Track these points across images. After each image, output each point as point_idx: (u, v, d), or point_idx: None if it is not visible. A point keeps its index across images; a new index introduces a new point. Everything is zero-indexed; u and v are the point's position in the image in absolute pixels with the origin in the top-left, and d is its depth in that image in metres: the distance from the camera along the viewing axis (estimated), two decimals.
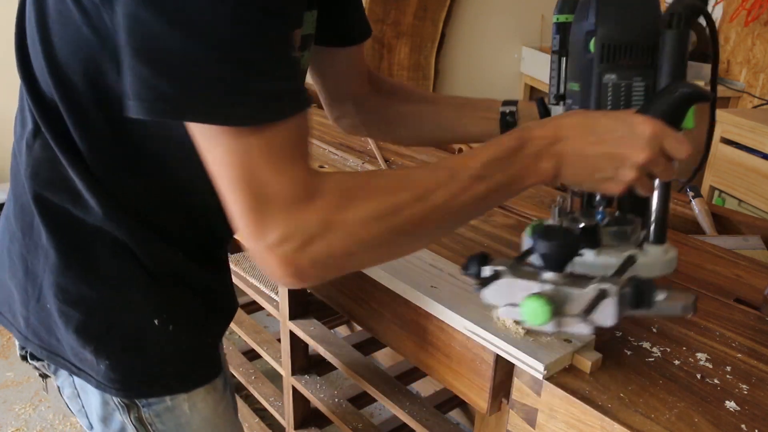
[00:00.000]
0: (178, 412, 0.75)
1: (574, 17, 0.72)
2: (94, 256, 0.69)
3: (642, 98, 0.70)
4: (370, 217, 0.56)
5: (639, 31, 0.68)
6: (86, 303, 0.70)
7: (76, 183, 0.66)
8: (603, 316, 0.63)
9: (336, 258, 0.56)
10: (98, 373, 0.72)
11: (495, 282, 0.66)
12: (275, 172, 0.53)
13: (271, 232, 0.53)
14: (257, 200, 0.53)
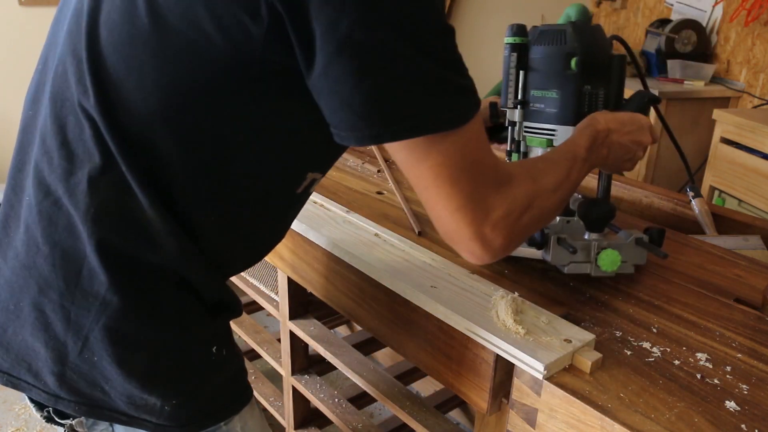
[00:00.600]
0: (234, 431, 0.75)
1: (543, 42, 0.94)
2: (157, 297, 0.67)
3: (603, 103, 0.93)
4: (554, 186, 0.71)
5: (603, 55, 0.93)
6: (151, 347, 0.67)
7: (153, 223, 0.63)
8: (640, 257, 0.90)
9: (540, 222, 0.70)
10: (160, 416, 0.69)
11: (554, 244, 0.87)
12: (484, 160, 0.63)
13: (495, 210, 0.63)
14: (477, 187, 0.62)
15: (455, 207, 0.61)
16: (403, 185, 1.28)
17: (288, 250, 1.14)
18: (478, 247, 0.64)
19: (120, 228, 0.64)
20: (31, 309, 0.67)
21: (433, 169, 0.60)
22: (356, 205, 1.15)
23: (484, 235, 0.63)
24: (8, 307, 0.69)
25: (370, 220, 1.07)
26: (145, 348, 0.67)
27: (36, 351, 0.68)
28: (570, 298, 0.87)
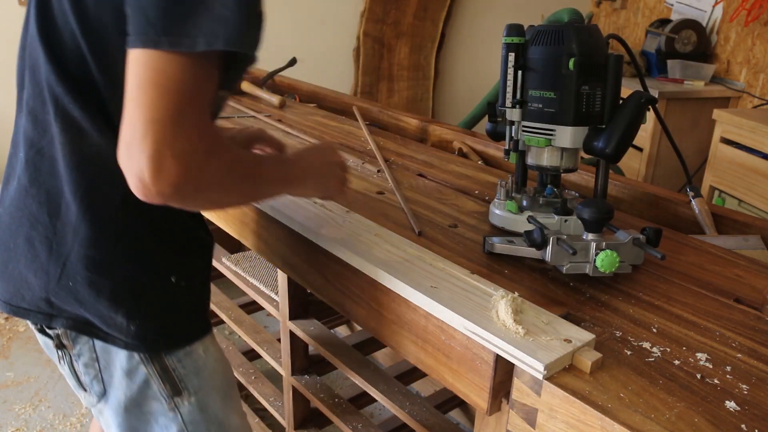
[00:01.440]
0: (195, 356, 0.87)
1: (541, 42, 0.95)
2: (118, 226, 0.79)
3: (600, 102, 0.95)
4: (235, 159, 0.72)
5: (600, 55, 0.94)
6: (115, 270, 0.80)
7: (111, 160, 0.69)
8: (637, 257, 0.91)
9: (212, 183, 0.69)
10: (128, 335, 0.82)
11: (553, 245, 0.87)
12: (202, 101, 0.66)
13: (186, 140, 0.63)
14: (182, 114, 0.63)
15: (152, 119, 0.62)
16: (403, 185, 1.28)
17: (288, 249, 1.14)
18: (148, 169, 0.62)
19: (88, 166, 0.76)
20: (24, 243, 0.81)
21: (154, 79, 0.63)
22: (356, 205, 1.15)
23: (159, 158, 0.62)
24: (9, 246, 0.83)
25: (370, 220, 1.07)
26: (110, 272, 0.80)
27: (29, 281, 0.82)
28: (570, 298, 0.87)
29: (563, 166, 1.01)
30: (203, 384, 0.89)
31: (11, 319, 2.41)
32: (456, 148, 1.69)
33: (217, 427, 0.91)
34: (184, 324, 0.87)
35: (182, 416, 0.88)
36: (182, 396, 0.87)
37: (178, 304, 0.86)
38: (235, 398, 0.97)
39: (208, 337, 0.90)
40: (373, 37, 3.56)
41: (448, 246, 1.00)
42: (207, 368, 0.89)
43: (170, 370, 0.85)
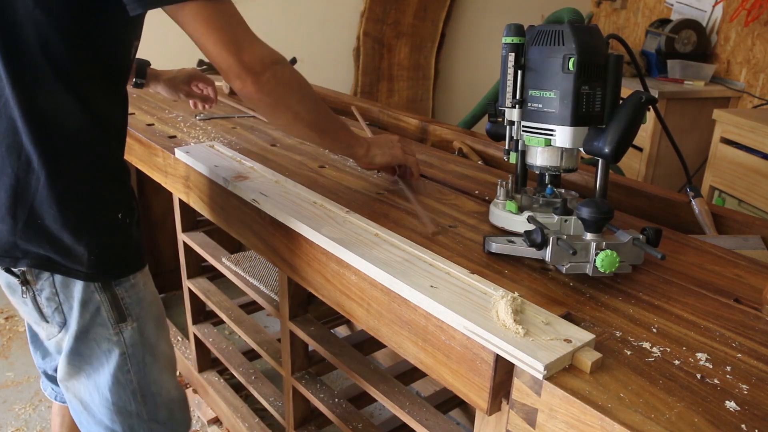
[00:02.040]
0: (138, 288, 1.03)
1: (541, 42, 0.96)
2: (74, 166, 0.93)
3: (600, 102, 0.95)
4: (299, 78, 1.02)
5: (600, 55, 0.94)
6: (77, 208, 0.94)
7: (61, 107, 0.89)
8: (637, 257, 0.92)
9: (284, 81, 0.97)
10: (88, 266, 0.96)
11: (553, 245, 0.87)
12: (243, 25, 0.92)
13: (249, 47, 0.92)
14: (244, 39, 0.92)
15: (224, 44, 0.89)
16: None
17: (288, 250, 1.14)
18: (242, 69, 0.91)
19: (44, 119, 0.89)
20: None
21: (210, 24, 0.88)
22: (356, 205, 1.15)
23: (244, 61, 0.91)
24: None
25: (370, 220, 1.07)
26: (72, 208, 0.93)
27: None
28: (570, 298, 0.87)
29: (563, 166, 1.01)
30: (142, 312, 1.04)
31: (11, 318, 2.41)
32: (456, 148, 1.69)
33: (150, 350, 1.07)
34: (130, 256, 1.02)
35: (125, 339, 1.03)
36: (126, 322, 1.02)
37: (124, 238, 1.00)
38: (166, 327, 1.12)
39: (145, 271, 1.06)
40: (373, 37, 3.56)
41: (448, 246, 1.00)
42: (146, 299, 1.05)
43: (119, 299, 1.00)
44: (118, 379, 1.04)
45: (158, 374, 1.09)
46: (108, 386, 1.04)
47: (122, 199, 1.00)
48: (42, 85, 0.88)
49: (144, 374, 1.06)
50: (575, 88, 0.93)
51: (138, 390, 1.06)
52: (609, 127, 0.94)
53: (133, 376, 1.05)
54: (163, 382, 1.10)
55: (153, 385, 1.08)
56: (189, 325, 1.91)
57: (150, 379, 1.07)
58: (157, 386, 1.09)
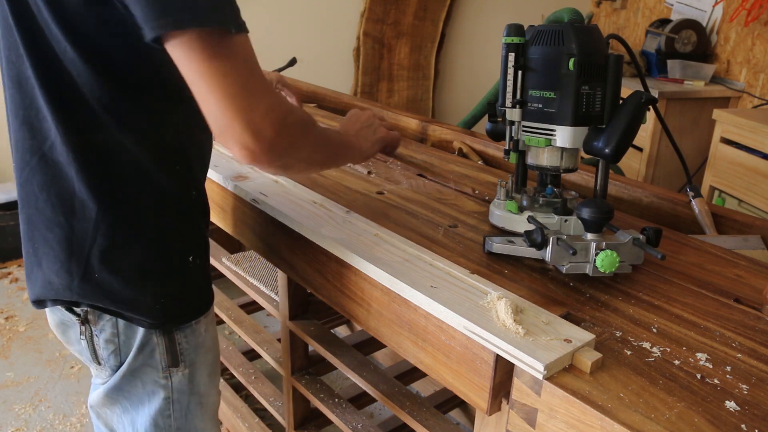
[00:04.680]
0: (198, 333, 0.95)
1: (541, 42, 0.95)
2: (138, 214, 0.84)
3: (600, 102, 0.95)
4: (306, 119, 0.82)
5: (600, 55, 0.94)
6: (141, 257, 0.85)
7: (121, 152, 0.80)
8: (637, 257, 0.91)
9: (295, 143, 0.77)
10: (152, 316, 0.88)
11: (553, 245, 0.87)
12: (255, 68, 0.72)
13: (262, 101, 0.71)
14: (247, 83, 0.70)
15: (226, 96, 0.69)
16: (402, 185, 1.28)
17: (288, 250, 1.14)
18: (250, 136, 0.71)
19: (98, 163, 0.80)
20: (44, 246, 0.86)
21: (208, 62, 0.68)
22: (356, 205, 1.15)
23: (254, 123, 0.70)
24: (29, 252, 0.89)
25: (370, 220, 1.07)
26: (135, 258, 0.85)
27: (52, 282, 0.87)
28: (570, 298, 0.87)
29: (563, 166, 1.01)
30: (197, 359, 0.97)
31: (11, 318, 2.42)
32: (456, 148, 1.69)
33: (198, 399, 1.00)
34: (196, 300, 0.95)
35: (172, 384, 0.96)
36: (178, 367, 0.95)
37: (192, 281, 0.93)
38: (217, 377, 1.05)
39: (210, 315, 0.98)
40: (373, 37, 3.56)
41: (448, 246, 1.00)
42: (204, 345, 0.97)
43: (176, 344, 0.93)
44: (157, 422, 0.97)
45: (201, 423, 1.02)
46: (144, 427, 0.97)
47: (194, 239, 0.92)
48: (92, 125, 0.79)
49: (185, 421, 1.00)
50: (575, 88, 0.93)
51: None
52: (609, 127, 0.94)
53: (173, 422, 0.98)
54: (206, 430, 1.04)
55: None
56: None
57: (190, 427, 1.01)
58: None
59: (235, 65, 0.69)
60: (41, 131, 0.81)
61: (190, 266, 0.91)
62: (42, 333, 2.33)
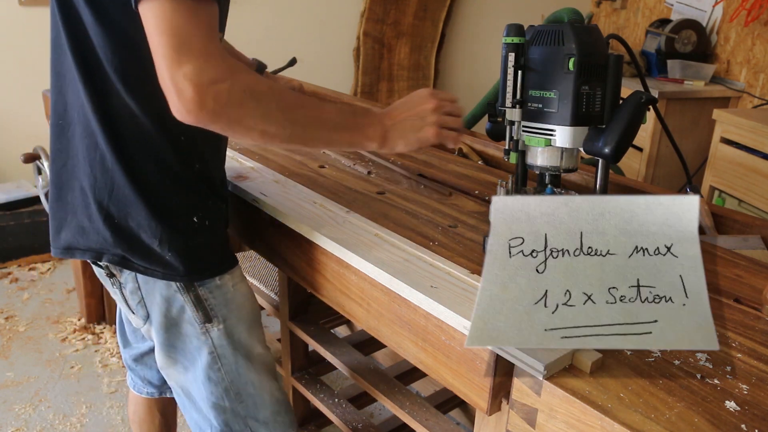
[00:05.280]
0: (225, 289, 1.01)
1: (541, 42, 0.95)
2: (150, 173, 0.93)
3: (600, 102, 0.95)
4: (260, 91, 0.83)
5: (600, 55, 0.93)
6: (151, 211, 0.94)
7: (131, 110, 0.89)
8: None
9: (231, 104, 0.79)
10: (164, 266, 0.96)
11: None
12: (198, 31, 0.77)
13: (188, 63, 0.76)
14: (189, 46, 0.76)
15: (164, 51, 0.76)
16: (402, 185, 1.28)
17: (288, 250, 1.14)
18: (174, 93, 0.77)
19: (116, 121, 0.90)
20: (80, 194, 0.95)
21: (161, 20, 0.76)
22: (356, 205, 1.15)
23: (177, 81, 0.76)
24: (63, 201, 0.98)
25: (370, 220, 1.07)
26: (146, 208, 0.93)
27: (84, 227, 0.96)
28: None
29: (563, 166, 1.01)
30: (231, 314, 1.03)
31: (11, 318, 2.42)
32: (456, 148, 1.69)
33: (244, 352, 1.05)
34: (211, 258, 1.00)
35: (212, 340, 1.02)
36: (212, 323, 1.01)
37: (205, 239, 0.99)
38: (259, 331, 1.10)
39: (236, 273, 1.04)
40: (373, 37, 3.56)
41: (448, 246, 1.00)
42: (235, 301, 1.03)
43: (203, 300, 1.00)
44: (209, 376, 1.04)
45: (255, 376, 1.07)
46: (202, 380, 1.05)
47: (198, 202, 0.98)
48: (108, 90, 0.89)
49: (238, 374, 1.06)
50: (575, 88, 0.93)
51: (231, 388, 1.06)
52: (609, 127, 0.94)
53: (225, 375, 1.05)
54: (263, 383, 1.09)
55: (250, 386, 1.07)
56: None
57: (246, 380, 1.07)
58: (255, 387, 1.08)
59: (181, 25, 0.76)
60: (76, 89, 0.91)
61: (198, 226, 0.97)
62: (42, 333, 2.33)
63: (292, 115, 0.87)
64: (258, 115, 0.83)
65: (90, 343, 2.26)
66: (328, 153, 1.48)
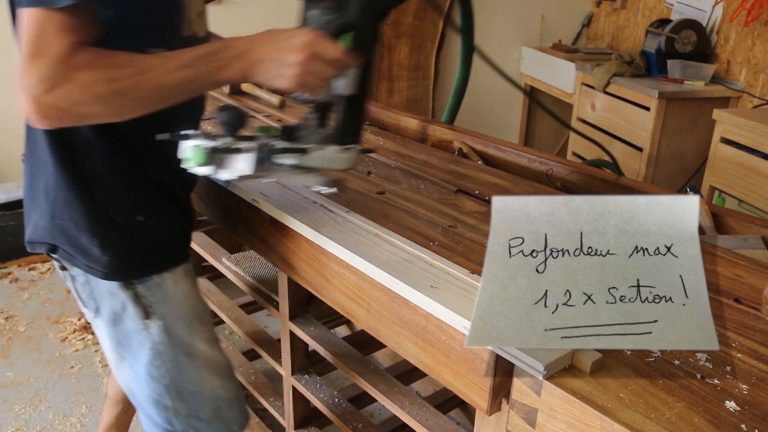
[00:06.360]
0: (164, 287, 1.05)
1: None
2: (92, 174, 0.96)
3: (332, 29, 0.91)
4: (100, 79, 0.82)
5: None
6: (92, 212, 0.97)
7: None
8: (242, 167, 0.92)
9: (72, 104, 0.81)
10: (103, 265, 0.99)
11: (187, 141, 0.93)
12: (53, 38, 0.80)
13: (31, 75, 0.79)
14: (34, 54, 0.79)
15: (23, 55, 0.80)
16: (402, 185, 1.28)
17: (288, 250, 1.14)
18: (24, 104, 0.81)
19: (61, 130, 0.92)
20: (37, 192, 1.00)
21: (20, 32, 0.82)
22: (356, 205, 1.15)
23: (21, 94, 0.80)
24: (28, 197, 1.04)
25: (370, 220, 1.07)
26: (85, 209, 0.97)
27: (38, 223, 1.01)
28: None
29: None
30: (169, 312, 1.06)
31: (11, 318, 2.42)
32: (456, 148, 1.69)
33: (183, 349, 1.08)
34: (150, 257, 1.04)
35: (152, 336, 1.05)
36: (151, 319, 1.04)
37: (145, 240, 1.02)
38: (203, 329, 1.12)
39: (178, 271, 1.07)
40: None
41: (448, 246, 1.00)
42: (174, 299, 1.06)
43: (141, 297, 1.03)
44: (151, 373, 1.07)
45: (196, 373, 1.09)
46: (144, 377, 1.07)
47: (144, 203, 1.02)
48: None
49: (178, 372, 1.08)
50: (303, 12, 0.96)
51: (172, 386, 1.08)
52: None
53: (166, 372, 1.07)
54: (203, 381, 1.11)
55: (190, 384, 1.10)
56: None
57: (186, 377, 1.09)
58: (195, 385, 1.10)
59: (31, 33, 0.80)
60: None
61: (138, 225, 1.01)
62: (42, 333, 2.33)
63: (141, 93, 0.85)
64: (105, 108, 0.84)
65: (90, 343, 2.26)
66: None
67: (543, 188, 1.31)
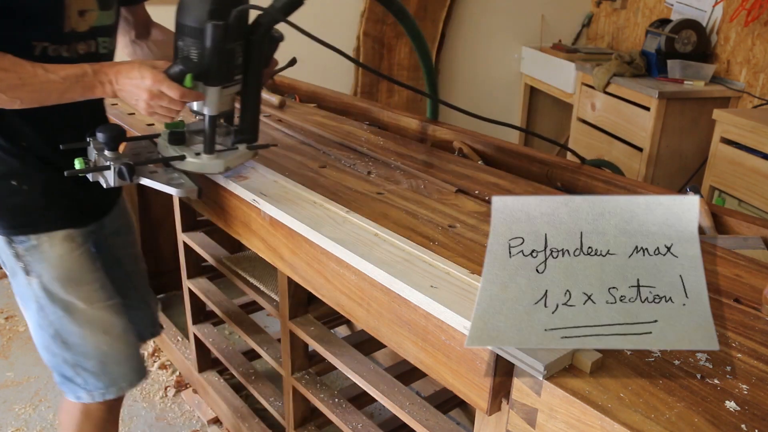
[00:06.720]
0: (41, 248, 1.17)
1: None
2: None
3: None
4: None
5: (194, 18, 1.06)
6: None
7: None
8: (109, 179, 1.12)
9: None
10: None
11: None
12: None
13: None
14: None
15: None
16: (402, 185, 1.28)
17: (288, 250, 1.14)
18: None
19: None
20: None
21: None
22: (356, 205, 1.15)
23: None
24: None
25: (370, 220, 1.07)
26: None
27: None
28: None
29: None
30: (45, 272, 1.19)
31: (11, 318, 2.41)
32: (456, 148, 1.69)
33: (62, 306, 1.21)
34: (26, 219, 1.16)
35: (34, 291, 1.20)
36: (30, 276, 1.19)
37: (18, 201, 1.15)
38: (83, 290, 1.23)
39: (56, 236, 1.18)
40: (373, 37, 3.56)
41: (448, 246, 1.00)
42: (50, 260, 1.18)
43: (20, 256, 1.17)
44: (39, 322, 1.23)
45: (77, 329, 1.23)
46: (34, 327, 1.24)
47: (19, 170, 1.14)
48: None
49: (61, 324, 1.22)
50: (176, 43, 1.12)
51: (57, 336, 1.23)
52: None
53: (50, 324, 1.22)
54: (86, 336, 1.23)
55: (73, 336, 1.23)
56: (189, 325, 1.90)
57: (69, 331, 1.22)
58: (78, 338, 1.23)
59: None
60: None
61: (12, 189, 1.14)
62: None
63: (20, 94, 1.03)
64: None
65: None
66: (328, 153, 1.48)
67: (543, 188, 1.31)
